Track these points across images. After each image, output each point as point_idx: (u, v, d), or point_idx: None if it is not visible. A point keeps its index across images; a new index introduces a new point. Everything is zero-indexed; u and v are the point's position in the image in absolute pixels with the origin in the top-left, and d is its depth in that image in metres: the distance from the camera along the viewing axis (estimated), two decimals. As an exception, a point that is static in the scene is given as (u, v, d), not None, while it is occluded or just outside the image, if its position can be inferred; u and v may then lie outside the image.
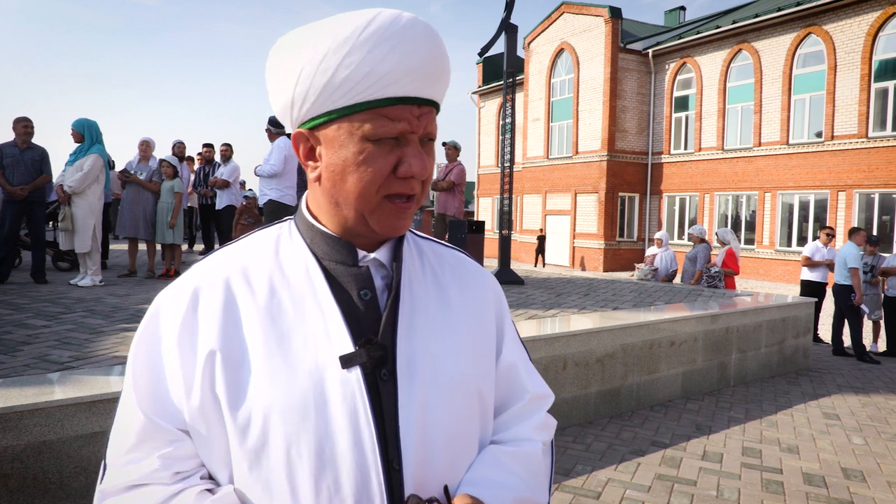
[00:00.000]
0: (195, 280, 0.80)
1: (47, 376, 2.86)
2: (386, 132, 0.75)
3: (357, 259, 0.82)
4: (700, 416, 4.88)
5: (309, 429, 0.74)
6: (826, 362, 7.33)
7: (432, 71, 0.77)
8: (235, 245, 0.86)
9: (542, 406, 0.97)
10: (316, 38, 0.75)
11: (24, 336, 3.87)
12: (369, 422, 0.75)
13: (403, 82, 0.74)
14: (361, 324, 0.79)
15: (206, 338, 0.76)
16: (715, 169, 20.06)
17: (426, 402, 0.79)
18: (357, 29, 0.74)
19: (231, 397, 0.75)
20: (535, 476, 0.90)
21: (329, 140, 0.77)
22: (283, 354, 0.76)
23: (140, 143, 7.54)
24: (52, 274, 7.09)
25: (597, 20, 21.66)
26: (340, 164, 0.76)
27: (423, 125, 0.77)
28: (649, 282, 8.87)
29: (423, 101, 0.77)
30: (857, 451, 4.21)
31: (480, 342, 0.89)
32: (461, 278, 0.92)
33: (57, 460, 2.48)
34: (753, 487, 3.55)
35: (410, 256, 0.88)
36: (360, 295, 0.81)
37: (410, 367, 0.79)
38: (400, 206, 0.78)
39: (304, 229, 0.84)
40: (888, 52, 15.93)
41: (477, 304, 0.91)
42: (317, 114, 0.77)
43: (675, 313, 5.49)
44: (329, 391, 0.75)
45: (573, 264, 22.80)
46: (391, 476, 0.76)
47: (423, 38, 0.76)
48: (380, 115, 0.75)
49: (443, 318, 0.85)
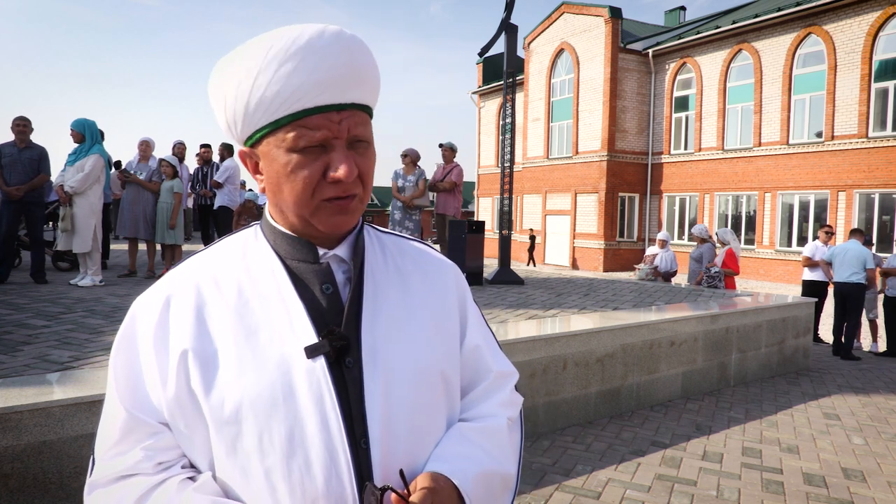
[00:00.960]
0: (168, 286, 0.86)
1: (47, 376, 2.86)
2: (307, 141, 0.79)
3: (318, 256, 0.87)
4: (700, 416, 4.88)
5: (279, 416, 0.79)
6: (826, 362, 7.33)
7: (345, 77, 0.80)
8: (206, 252, 0.92)
9: (506, 384, 1.01)
10: (233, 64, 0.81)
11: (24, 336, 3.87)
12: (334, 405, 0.80)
13: (314, 93, 0.78)
14: (325, 317, 0.84)
15: (179, 338, 0.82)
16: (715, 169, 20.07)
17: (390, 385, 0.84)
18: (263, 51, 0.79)
19: (205, 391, 0.80)
20: (500, 449, 0.93)
21: (264, 155, 0.83)
22: (251, 349, 0.81)
23: (140, 143, 7.53)
24: (52, 274, 7.09)
25: (597, 20, 21.66)
26: (275, 175, 0.82)
27: (345, 129, 0.81)
28: (649, 282, 8.88)
29: (342, 106, 0.81)
30: (857, 451, 4.21)
31: (443, 327, 0.93)
32: (422, 268, 0.97)
33: (57, 460, 2.48)
34: (753, 487, 3.55)
35: (372, 250, 0.93)
36: (322, 289, 0.86)
37: (373, 354, 0.84)
38: (338, 204, 0.82)
39: (268, 232, 0.90)
40: (888, 52, 15.93)
41: (439, 292, 0.95)
42: (249, 133, 0.83)
43: (675, 313, 5.49)
44: (296, 380, 0.80)
45: (573, 264, 22.80)
46: (359, 454, 0.80)
47: (330, 48, 0.79)
48: (300, 126, 0.79)
49: (405, 307, 0.90)
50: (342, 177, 0.79)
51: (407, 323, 0.89)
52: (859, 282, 7.83)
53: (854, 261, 7.85)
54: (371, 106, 0.86)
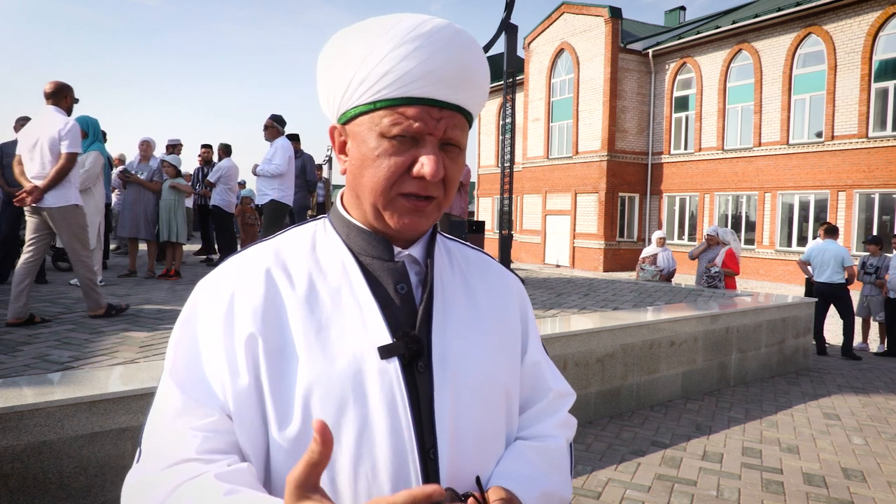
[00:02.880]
0: (237, 271, 0.82)
1: (47, 376, 2.86)
2: (402, 130, 0.77)
3: (393, 254, 0.84)
4: (700, 416, 4.87)
5: (348, 416, 0.76)
6: (826, 362, 7.33)
7: (455, 75, 0.78)
8: (272, 240, 0.88)
9: (564, 404, 1.00)
10: (349, 37, 0.80)
11: (24, 336, 3.87)
12: (406, 411, 0.77)
13: (421, 83, 0.76)
14: (398, 317, 0.82)
15: (247, 322, 0.77)
16: (715, 169, 20.06)
17: (458, 395, 0.81)
18: (383, 30, 0.77)
19: (273, 383, 0.76)
20: (559, 471, 0.91)
21: (354, 134, 0.81)
22: (321, 344, 0.78)
23: (141, 143, 7.54)
24: (52, 274, 7.09)
25: (597, 20, 21.66)
26: (360, 158, 0.80)
27: (442, 128, 0.78)
28: (650, 282, 8.86)
29: (444, 104, 0.78)
30: (857, 451, 4.20)
31: (506, 341, 0.91)
32: (487, 279, 0.94)
33: (57, 460, 2.48)
34: (753, 487, 3.55)
35: (441, 256, 0.91)
36: (396, 289, 0.83)
37: (443, 361, 0.81)
38: (415, 203, 0.79)
39: (339, 225, 0.87)
40: (888, 52, 15.93)
41: (502, 305, 0.93)
42: (346, 108, 0.81)
43: (675, 313, 5.48)
44: (367, 380, 0.77)
45: (573, 264, 22.80)
46: (427, 464, 0.77)
47: (449, 43, 0.78)
48: (398, 113, 0.77)
49: (471, 317, 0.88)
50: (427, 174, 0.76)
51: (474, 332, 0.86)
52: (840, 282, 7.86)
53: (832, 261, 7.86)
54: (473, 113, 0.84)
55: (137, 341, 3.79)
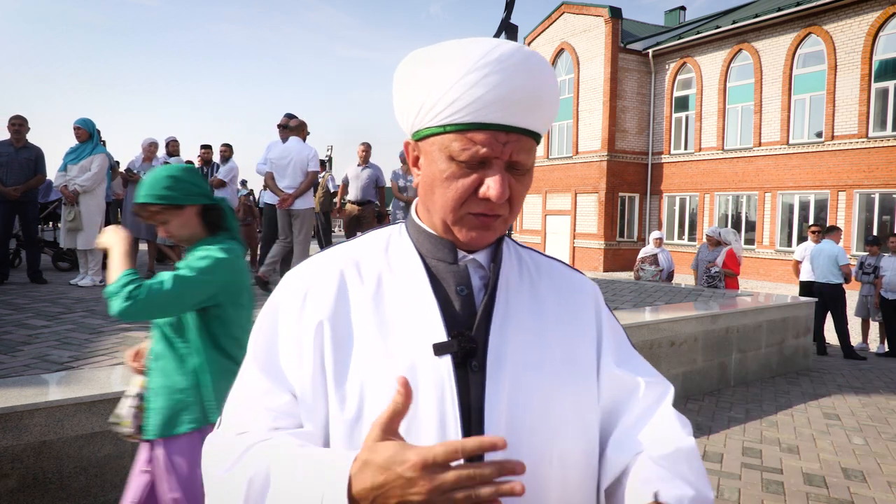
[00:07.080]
0: (316, 266, 0.90)
1: (47, 376, 2.86)
2: (469, 155, 0.80)
3: (457, 257, 0.88)
4: (700, 416, 4.87)
5: None
6: (826, 362, 7.33)
7: (523, 101, 0.80)
8: (352, 242, 0.95)
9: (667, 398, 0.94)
10: (424, 60, 0.84)
11: (24, 336, 3.87)
12: (455, 407, 0.80)
13: (488, 110, 0.79)
14: (456, 318, 0.85)
15: (317, 313, 0.84)
16: (715, 169, 20.06)
17: (512, 395, 0.82)
18: (454, 56, 0.80)
19: (336, 370, 0.82)
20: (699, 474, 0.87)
21: (426, 153, 0.86)
22: (382, 338, 0.83)
23: (149, 144, 7.60)
24: (52, 274, 7.09)
25: (597, 20, 21.66)
26: (430, 177, 0.85)
27: (508, 152, 0.81)
28: (650, 282, 8.86)
29: (511, 128, 0.80)
30: (857, 451, 4.20)
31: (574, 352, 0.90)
32: (558, 287, 0.95)
33: (57, 460, 2.48)
34: (753, 487, 3.55)
35: (509, 261, 0.93)
36: (456, 290, 0.87)
37: (499, 362, 0.83)
38: (482, 220, 0.84)
39: (412, 230, 0.92)
40: (888, 52, 15.92)
41: (573, 314, 0.93)
42: (418, 128, 0.85)
43: (675, 313, 5.48)
44: (420, 375, 0.80)
45: (573, 264, 22.77)
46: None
47: (518, 68, 0.80)
48: (466, 138, 0.80)
49: (535, 322, 0.89)
50: (493, 197, 0.80)
51: (536, 337, 0.87)
52: (837, 282, 7.92)
53: (827, 261, 7.89)
54: (541, 133, 0.86)
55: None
